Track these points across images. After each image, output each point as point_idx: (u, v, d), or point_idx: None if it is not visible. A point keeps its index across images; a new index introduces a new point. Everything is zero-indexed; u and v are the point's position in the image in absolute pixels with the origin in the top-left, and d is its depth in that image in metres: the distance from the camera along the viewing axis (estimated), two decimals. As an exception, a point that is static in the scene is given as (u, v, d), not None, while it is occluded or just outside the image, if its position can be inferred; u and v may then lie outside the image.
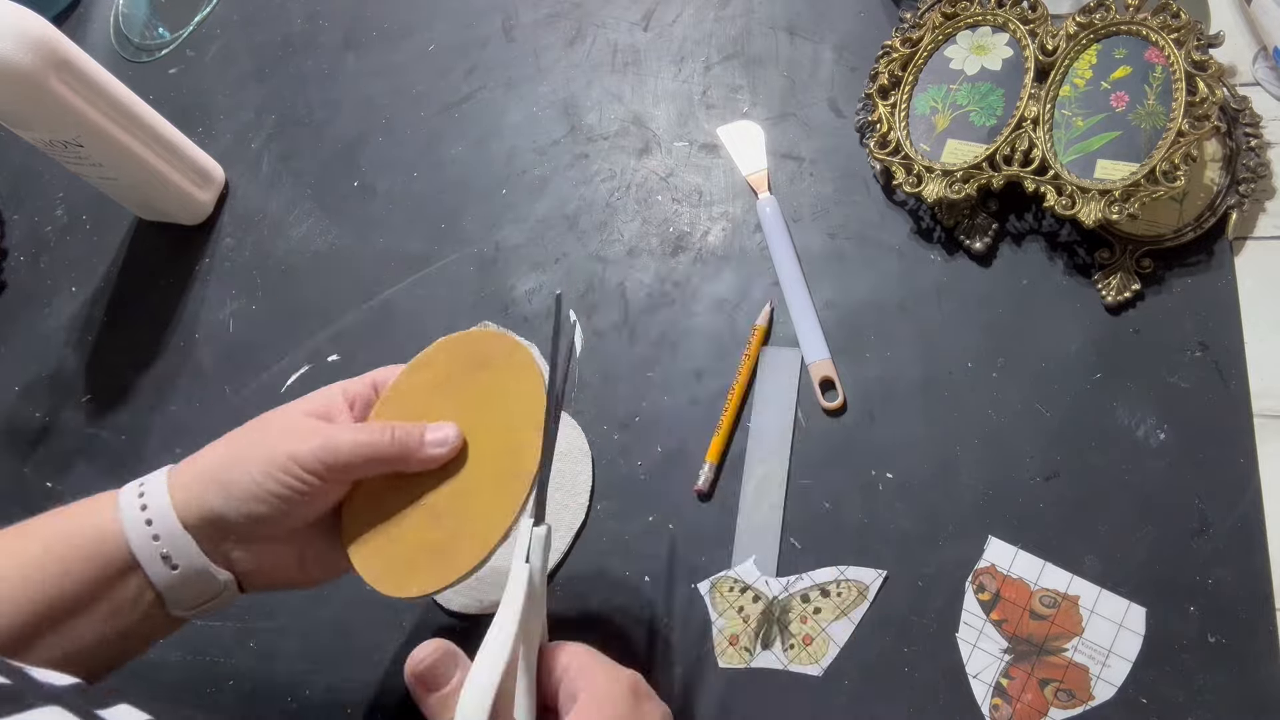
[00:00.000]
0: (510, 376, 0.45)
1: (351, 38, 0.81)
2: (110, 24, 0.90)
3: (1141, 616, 0.48)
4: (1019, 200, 0.58)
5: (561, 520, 0.57)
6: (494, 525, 0.42)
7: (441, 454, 0.43)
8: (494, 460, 0.44)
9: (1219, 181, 0.55)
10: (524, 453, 0.43)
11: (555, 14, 0.77)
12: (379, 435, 0.42)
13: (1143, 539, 0.49)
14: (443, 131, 0.74)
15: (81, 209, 0.80)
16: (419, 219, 0.71)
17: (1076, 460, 0.52)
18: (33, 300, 0.77)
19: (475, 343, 0.48)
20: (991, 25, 0.61)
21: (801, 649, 0.51)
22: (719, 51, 0.71)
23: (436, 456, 0.43)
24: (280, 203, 0.75)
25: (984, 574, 0.50)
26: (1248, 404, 0.51)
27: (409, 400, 0.46)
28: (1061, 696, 0.47)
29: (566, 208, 0.68)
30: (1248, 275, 0.53)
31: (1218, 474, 0.49)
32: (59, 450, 0.71)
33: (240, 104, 0.81)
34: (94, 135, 0.65)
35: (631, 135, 0.70)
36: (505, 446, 0.44)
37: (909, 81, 0.62)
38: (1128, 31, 0.56)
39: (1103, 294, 0.55)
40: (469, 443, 0.44)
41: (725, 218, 0.65)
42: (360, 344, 0.68)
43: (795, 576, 0.53)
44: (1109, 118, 0.55)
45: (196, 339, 0.72)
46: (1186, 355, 0.52)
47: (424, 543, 0.43)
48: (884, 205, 0.62)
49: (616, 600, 0.55)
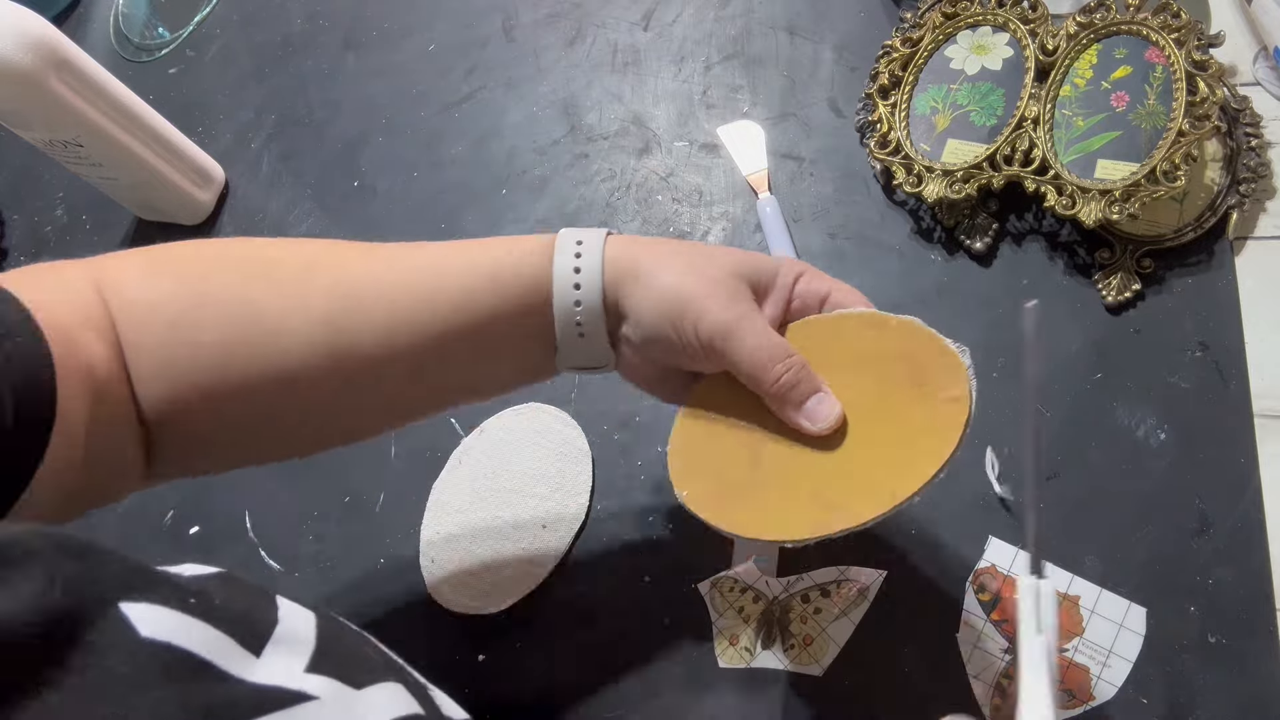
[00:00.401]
0: (933, 378, 0.39)
1: (351, 38, 0.81)
2: (110, 24, 0.90)
3: (1141, 616, 0.47)
4: (1019, 200, 0.58)
5: (562, 520, 0.57)
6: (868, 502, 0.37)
7: (809, 428, 0.39)
8: (875, 452, 0.39)
9: (1219, 181, 0.55)
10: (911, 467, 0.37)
11: (555, 14, 0.77)
12: (775, 367, 0.39)
13: (1143, 539, 0.49)
14: (443, 131, 0.74)
15: (81, 209, 0.80)
16: (419, 219, 0.71)
17: (1076, 460, 0.52)
18: (33, 300, 0.77)
19: (910, 338, 0.41)
20: (992, 25, 0.61)
21: (801, 649, 0.51)
22: (719, 51, 0.71)
23: (801, 426, 0.39)
24: (280, 203, 0.75)
25: (984, 574, 0.50)
26: (1248, 404, 0.51)
27: (819, 346, 0.41)
28: (1062, 696, 0.47)
29: (566, 208, 0.68)
30: (1248, 275, 0.53)
31: (1218, 474, 0.49)
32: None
33: (240, 104, 0.81)
34: (94, 135, 0.65)
35: (631, 135, 0.70)
36: (892, 445, 0.39)
37: (909, 81, 0.62)
38: (1128, 31, 0.56)
39: (1103, 294, 0.55)
40: (851, 424, 0.40)
41: (725, 218, 0.65)
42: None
43: (795, 576, 0.53)
44: (1109, 118, 0.55)
45: (196, 339, 0.72)
46: (1186, 355, 0.52)
47: (758, 485, 0.40)
48: (884, 205, 0.62)
49: (616, 600, 0.55)
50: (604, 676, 0.53)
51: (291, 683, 0.25)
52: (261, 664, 0.25)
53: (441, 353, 0.42)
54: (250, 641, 0.26)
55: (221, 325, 0.40)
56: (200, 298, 0.41)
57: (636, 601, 0.54)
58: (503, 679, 0.54)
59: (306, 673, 0.26)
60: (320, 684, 0.26)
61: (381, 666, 0.29)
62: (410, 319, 0.41)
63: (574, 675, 0.53)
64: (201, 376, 0.40)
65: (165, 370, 0.39)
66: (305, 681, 0.26)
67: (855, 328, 0.41)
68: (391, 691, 0.28)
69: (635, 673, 0.53)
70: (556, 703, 0.53)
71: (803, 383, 0.39)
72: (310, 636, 0.28)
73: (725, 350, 0.39)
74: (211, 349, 0.40)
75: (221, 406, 0.40)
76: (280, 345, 0.40)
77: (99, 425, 0.37)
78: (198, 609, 0.25)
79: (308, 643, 0.27)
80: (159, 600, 0.24)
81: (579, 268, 0.41)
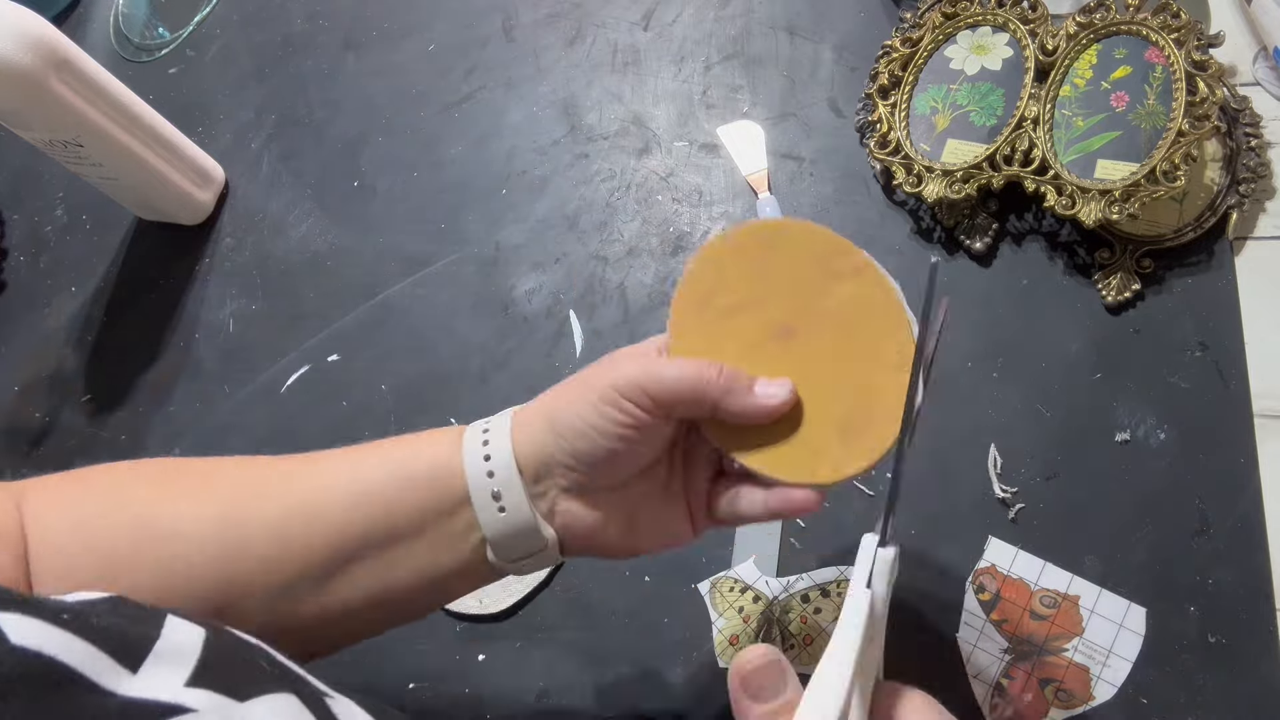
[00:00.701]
0: (854, 287, 0.40)
1: (351, 38, 0.81)
2: (110, 24, 0.90)
3: (1141, 616, 0.48)
4: (1019, 200, 0.58)
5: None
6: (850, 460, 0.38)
7: (773, 404, 0.38)
8: (834, 401, 0.39)
9: (1219, 181, 0.55)
10: (880, 398, 0.38)
11: (555, 14, 0.77)
12: (707, 370, 0.38)
13: (1143, 539, 0.49)
14: (443, 131, 0.74)
15: (81, 209, 0.80)
16: (419, 219, 0.71)
17: (1076, 460, 0.52)
18: (33, 300, 0.77)
19: (774, 237, 0.40)
20: (992, 25, 0.61)
21: (801, 649, 0.51)
22: (719, 51, 0.71)
23: (761, 405, 0.38)
24: (280, 203, 0.75)
25: (984, 574, 0.50)
26: (1248, 404, 0.51)
27: (710, 329, 0.40)
28: (1062, 696, 0.47)
29: (566, 208, 0.68)
30: (1248, 275, 0.53)
31: (1218, 474, 0.49)
32: (59, 450, 0.71)
33: (240, 104, 0.81)
34: (94, 135, 0.65)
35: (631, 135, 0.70)
36: (854, 380, 0.39)
37: (909, 81, 0.62)
38: (1128, 31, 0.56)
39: (1103, 294, 0.55)
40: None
41: (725, 218, 0.65)
42: (360, 344, 0.68)
43: (795, 576, 0.53)
44: (1109, 118, 0.55)
45: (196, 339, 0.72)
46: (1186, 355, 0.52)
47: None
48: (884, 205, 0.62)
49: (616, 600, 0.55)
50: (604, 676, 0.53)
51: (168, 696, 0.25)
52: (138, 678, 0.25)
53: (346, 552, 0.39)
54: (126, 657, 0.25)
55: (118, 531, 0.39)
56: (104, 506, 0.40)
57: (636, 601, 0.54)
58: (503, 679, 0.54)
59: (187, 686, 0.26)
60: (200, 697, 0.26)
61: (274, 678, 0.29)
62: (306, 513, 0.39)
63: (574, 675, 0.53)
64: (97, 586, 0.38)
65: (63, 582, 0.38)
66: (184, 695, 0.25)
67: (699, 292, 0.41)
68: (280, 702, 0.27)
69: (635, 673, 0.53)
70: (556, 703, 0.53)
71: (740, 373, 0.38)
72: (196, 649, 0.27)
73: (657, 389, 0.37)
74: (107, 557, 0.38)
75: None
76: (172, 551, 0.38)
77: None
78: (72, 625, 0.24)
79: (191, 656, 0.27)
80: (32, 614, 0.24)
81: (488, 439, 0.39)
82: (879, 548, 0.36)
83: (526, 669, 0.54)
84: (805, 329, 0.40)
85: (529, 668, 0.54)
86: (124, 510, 0.39)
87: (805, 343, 0.40)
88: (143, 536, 0.39)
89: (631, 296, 0.64)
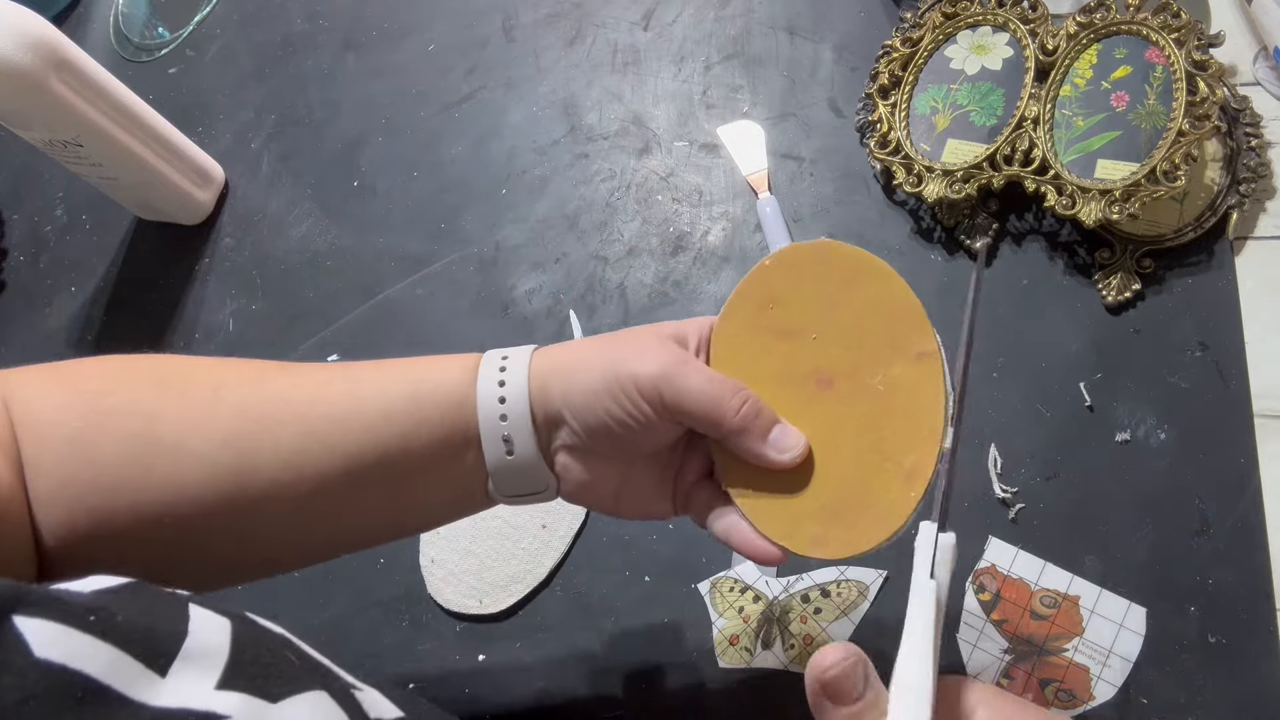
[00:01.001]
0: (910, 372, 0.38)
1: (351, 38, 0.81)
2: (110, 24, 0.90)
3: (1141, 616, 0.48)
4: (1019, 200, 0.58)
5: (562, 520, 0.57)
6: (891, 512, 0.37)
7: (779, 458, 0.37)
8: (877, 420, 0.38)
9: (1219, 181, 0.55)
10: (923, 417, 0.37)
11: (555, 14, 0.77)
12: (730, 399, 0.37)
13: (1143, 539, 0.49)
14: (443, 131, 0.74)
15: (81, 209, 0.80)
16: (419, 219, 0.71)
17: (1076, 460, 0.52)
18: (33, 300, 0.77)
19: (826, 260, 0.39)
20: (992, 25, 0.61)
21: (801, 649, 0.51)
22: (719, 51, 0.71)
23: (769, 458, 0.37)
24: (280, 203, 0.75)
25: (984, 574, 0.50)
26: (1248, 404, 0.51)
27: (755, 341, 0.39)
28: (1062, 696, 0.47)
29: (566, 208, 0.68)
30: (1248, 275, 0.53)
31: (1218, 474, 0.49)
32: (59, 450, 0.71)
33: (240, 104, 0.81)
34: (94, 135, 0.65)
35: (631, 135, 0.70)
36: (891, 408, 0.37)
37: (909, 81, 0.62)
38: (1128, 31, 0.56)
39: (1103, 294, 0.55)
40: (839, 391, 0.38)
41: (725, 218, 0.65)
42: (360, 344, 0.68)
43: (795, 576, 0.53)
44: (1109, 117, 0.55)
45: (196, 339, 0.72)
46: (1186, 355, 0.52)
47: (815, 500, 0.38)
48: (884, 205, 0.62)
49: (616, 600, 0.55)
50: (604, 676, 0.53)
51: (199, 703, 0.24)
52: (167, 684, 0.24)
53: (356, 479, 0.39)
54: (155, 660, 0.24)
55: (119, 444, 0.37)
56: (101, 414, 0.38)
57: (636, 601, 0.54)
58: (503, 679, 0.54)
59: (218, 689, 0.25)
60: (232, 701, 0.25)
61: (303, 673, 0.28)
62: (321, 441, 0.38)
63: (574, 675, 0.53)
64: (97, 500, 0.37)
65: (62, 492, 0.37)
66: (215, 700, 0.25)
67: (745, 313, 0.40)
68: (312, 701, 0.27)
69: (635, 673, 0.53)
70: (556, 703, 0.53)
71: (763, 412, 0.38)
72: (224, 647, 0.27)
73: (674, 398, 0.36)
74: (108, 470, 0.37)
75: (117, 534, 0.37)
76: (177, 467, 0.37)
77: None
78: (96, 627, 0.24)
79: (220, 655, 0.26)
80: (55, 617, 0.23)
81: (504, 380, 0.38)
82: (939, 533, 0.35)
83: (526, 669, 0.54)
84: (845, 391, 0.38)
85: (529, 668, 0.54)
86: (124, 420, 0.38)
87: (838, 404, 0.38)
88: (145, 452, 0.37)
89: (631, 296, 0.64)
